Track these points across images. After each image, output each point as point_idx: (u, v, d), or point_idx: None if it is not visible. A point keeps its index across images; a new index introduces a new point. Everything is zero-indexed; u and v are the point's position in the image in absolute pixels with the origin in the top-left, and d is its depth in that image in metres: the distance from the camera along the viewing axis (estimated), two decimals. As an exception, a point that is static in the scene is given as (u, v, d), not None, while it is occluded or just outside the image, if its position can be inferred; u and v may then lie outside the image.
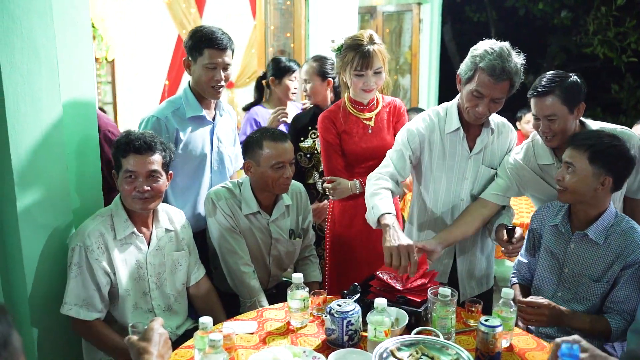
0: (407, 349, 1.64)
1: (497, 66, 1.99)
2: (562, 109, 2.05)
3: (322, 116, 2.55)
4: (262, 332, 1.89)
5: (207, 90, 2.42)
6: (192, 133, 2.45)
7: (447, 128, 2.21)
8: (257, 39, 4.50)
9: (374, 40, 2.36)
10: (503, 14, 8.93)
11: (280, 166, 2.29)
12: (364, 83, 2.39)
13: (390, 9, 6.48)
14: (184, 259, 2.20)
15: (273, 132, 2.34)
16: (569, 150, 1.96)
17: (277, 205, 2.42)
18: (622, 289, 1.94)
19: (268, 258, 2.45)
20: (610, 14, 7.43)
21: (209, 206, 2.35)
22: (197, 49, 2.36)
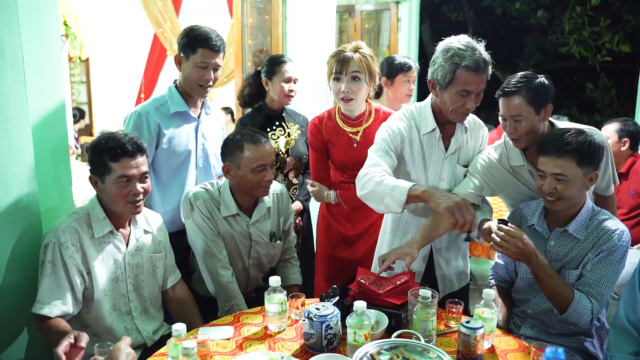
0: (387, 353, 1.61)
1: (479, 60, 1.98)
2: (528, 109, 2.03)
3: (311, 123, 2.59)
4: (239, 338, 1.84)
5: (195, 89, 2.43)
6: (176, 129, 2.46)
7: (424, 129, 2.16)
8: (234, 38, 4.43)
9: (358, 49, 2.37)
10: (480, 14, 9.00)
11: (262, 169, 2.24)
12: (340, 89, 2.38)
13: (369, 8, 6.47)
14: (161, 262, 2.16)
15: (254, 135, 2.29)
16: (553, 160, 1.92)
17: (257, 207, 2.37)
18: (592, 272, 1.94)
19: (247, 261, 2.40)
20: (585, 13, 7.54)
21: (187, 207, 2.30)
22: (191, 47, 2.37)
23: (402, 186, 1.91)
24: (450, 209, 1.83)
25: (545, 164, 1.95)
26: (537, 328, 2.09)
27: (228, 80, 7.39)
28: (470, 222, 1.83)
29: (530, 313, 2.10)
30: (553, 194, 1.95)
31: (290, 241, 2.58)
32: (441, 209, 1.84)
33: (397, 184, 1.93)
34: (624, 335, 1.80)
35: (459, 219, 1.82)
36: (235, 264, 2.37)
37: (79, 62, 7.31)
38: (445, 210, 1.83)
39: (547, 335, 2.07)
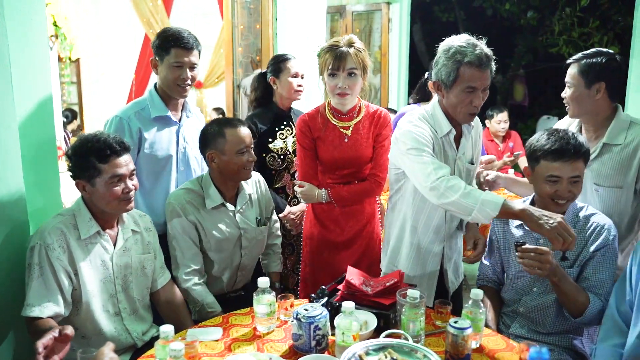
0: (375, 353, 1.61)
1: (481, 55, 1.98)
2: (578, 80, 2.22)
3: (300, 119, 2.54)
4: (228, 339, 1.83)
5: (174, 89, 2.43)
6: (157, 133, 2.45)
7: (440, 131, 2.14)
8: (224, 39, 4.42)
9: (352, 44, 2.35)
10: (471, 14, 9.02)
11: (245, 150, 2.32)
12: (336, 85, 2.35)
13: (360, 9, 6.47)
14: (149, 263, 2.15)
15: (230, 120, 2.39)
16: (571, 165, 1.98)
17: (240, 195, 2.43)
18: (595, 274, 1.99)
19: (240, 251, 2.44)
20: (574, 14, 7.58)
21: (168, 211, 2.33)
22: (164, 48, 2.39)
23: (494, 202, 1.84)
24: (556, 230, 1.76)
25: (562, 169, 1.97)
26: (526, 327, 2.11)
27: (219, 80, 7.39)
28: (574, 239, 1.77)
29: (522, 312, 2.11)
30: (569, 197, 1.99)
31: (273, 226, 2.66)
32: (545, 231, 1.78)
33: (487, 197, 1.85)
34: (613, 326, 1.83)
35: (565, 238, 1.75)
36: (228, 257, 2.41)
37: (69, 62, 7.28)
38: (550, 232, 1.77)
39: (537, 334, 2.08)
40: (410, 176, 2.07)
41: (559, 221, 1.76)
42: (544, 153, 2.00)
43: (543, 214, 1.79)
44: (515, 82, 9.58)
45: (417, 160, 2.00)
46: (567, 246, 1.76)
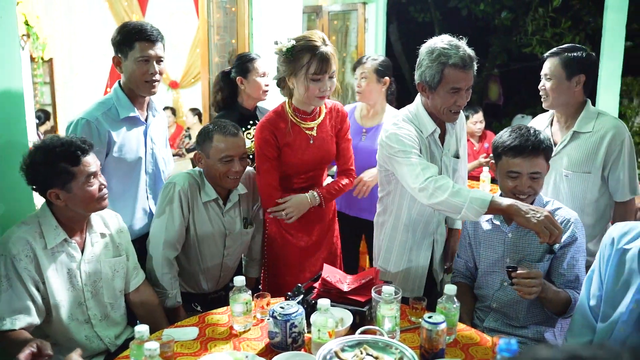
0: (351, 350, 1.63)
1: (464, 57, 2.03)
2: (560, 72, 2.35)
3: (261, 126, 2.35)
4: (204, 338, 1.83)
5: (141, 86, 2.32)
6: (126, 135, 2.35)
7: (425, 131, 2.18)
8: (200, 39, 4.40)
9: (326, 42, 2.23)
10: (446, 15, 9.10)
11: (229, 160, 2.25)
12: (319, 89, 2.21)
13: (336, 9, 6.48)
14: (121, 265, 2.11)
15: (225, 125, 2.29)
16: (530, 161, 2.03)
17: (231, 194, 2.40)
18: (569, 269, 2.04)
19: (223, 252, 2.41)
20: (547, 15, 7.70)
21: (169, 189, 2.28)
22: (127, 43, 2.28)
23: (482, 198, 1.87)
24: (542, 223, 1.79)
25: (521, 165, 2.02)
26: (500, 321, 2.15)
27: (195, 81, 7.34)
28: (561, 233, 1.81)
29: (495, 307, 2.15)
30: (529, 192, 2.04)
31: (258, 226, 2.57)
32: (532, 225, 1.80)
33: (475, 195, 1.89)
34: (583, 322, 1.87)
35: (553, 232, 1.78)
36: (211, 257, 2.39)
37: (42, 62, 7.16)
38: (536, 225, 1.79)
39: (510, 327, 2.13)
40: (399, 178, 2.12)
41: (546, 215, 1.80)
42: (505, 149, 2.06)
43: (530, 208, 1.83)
44: (490, 82, 9.70)
45: (404, 162, 2.04)
46: (555, 239, 1.79)
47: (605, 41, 5.72)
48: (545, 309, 2.05)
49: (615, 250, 1.80)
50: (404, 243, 2.30)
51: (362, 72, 2.95)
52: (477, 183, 4.15)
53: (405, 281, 2.32)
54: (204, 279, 2.43)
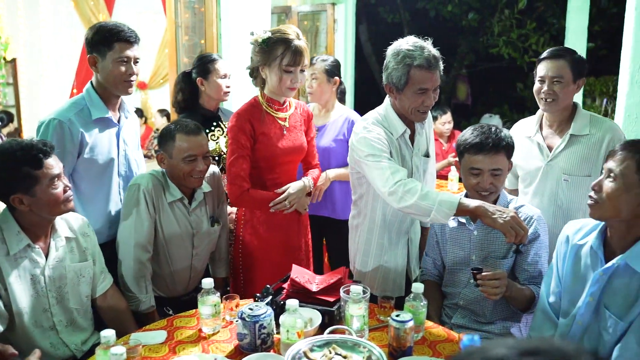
0: (320, 349, 1.64)
1: (429, 57, 2.05)
2: (569, 74, 2.29)
3: (237, 115, 2.38)
4: (172, 342, 1.82)
5: (120, 86, 2.30)
6: (98, 136, 2.31)
7: (395, 133, 2.21)
8: (168, 39, 4.36)
9: (300, 37, 2.30)
10: (415, 16, 9.20)
11: (192, 159, 2.25)
12: (291, 80, 2.28)
13: (305, 9, 6.49)
14: (87, 270, 2.07)
15: (186, 125, 2.29)
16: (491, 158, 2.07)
17: (196, 193, 2.39)
18: (533, 265, 2.09)
19: (191, 251, 2.39)
20: (512, 16, 7.85)
21: (134, 191, 2.25)
22: (106, 43, 2.24)
23: (450, 201, 1.91)
24: (509, 223, 1.82)
25: (482, 162, 2.06)
26: (467, 317, 2.18)
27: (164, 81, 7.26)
28: (526, 233, 1.84)
29: (463, 304, 2.18)
30: (490, 188, 2.07)
31: (224, 223, 2.58)
32: (499, 225, 1.83)
33: (443, 198, 1.92)
34: (544, 318, 1.92)
35: (518, 232, 1.81)
36: (179, 258, 2.36)
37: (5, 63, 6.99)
38: (503, 226, 1.83)
39: (478, 324, 2.16)
40: (370, 181, 2.14)
41: (512, 215, 1.83)
42: (467, 147, 2.10)
43: (497, 209, 1.87)
44: (458, 82, 9.84)
45: (374, 166, 2.06)
46: (520, 239, 1.82)
47: (569, 42, 5.88)
48: (510, 306, 2.10)
49: (570, 247, 1.86)
50: (381, 245, 2.32)
51: (313, 73, 2.98)
52: (446, 182, 4.22)
53: (385, 282, 2.34)
54: (174, 281, 2.40)
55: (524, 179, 2.52)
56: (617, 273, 1.69)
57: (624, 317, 1.65)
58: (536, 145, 2.44)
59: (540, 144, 2.43)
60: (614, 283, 1.69)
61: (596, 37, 7.61)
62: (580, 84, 2.36)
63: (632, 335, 1.62)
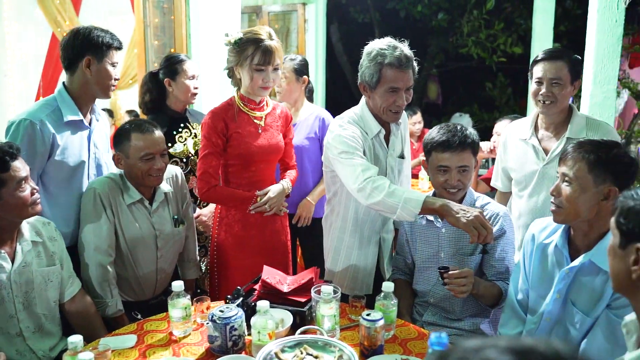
0: (291, 350, 1.64)
1: (400, 56, 2.09)
2: (567, 75, 2.27)
3: (211, 113, 2.42)
4: (143, 346, 1.80)
5: (107, 89, 2.31)
6: (69, 138, 2.29)
7: (370, 132, 2.24)
8: (137, 39, 4.30)
9: (272, 37, 2.32)
10: (386, 16, 9.24)
11: (150, 157, 2.24)
12: (263, 79, 2.31)
13: (276, 9, 6.48)
14: (55, 275, 2.04)
15: (141, 123, 2.29)
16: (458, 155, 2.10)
17: (156, 194, 2.37)
18: (500, 262, 2.13)
19: (156, 253, 2.36)
20: (481, 17, 7.95)
21: (90, 196, 2.23)
22: (106, 47, 2.25)
23: (415, 199, 1.92)
24: (471, 222, 1.83)
25: (450, 159, 2.09)
26: (438, 315, 2.21)
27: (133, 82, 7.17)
28: (490, 233, 1.84)
29: (433, 302, 2.21)
30: (458, 185, 2.11)
31: (190, 224, 2.57)
32: (462, 224, 1.84)
33: (409, 196, 1.94)
34: (512, 314, 1.96)
35: (481, 232, 1.82)
36: (144, 261, 2.33)
37: (-33, 63, 6.81)
38: (465, 225, 1.84)
39: (448, 320, 2.20)
40: (342, 179, 2.16)
41: (476, 215, 1.84)
42: (434, 145, 2.13)
43: (461, 208, 1.88)
44: (428, 82, 9.92)
45: (347, 163, 2.09)
46: (484, 239, 1.83)
47: (535, 42, 5.99)
48: (479, 302, 2.13)
49: (536, 246, 1.90)
50: (352, 243, 2.34)
51: (282, 73, 2.99)
52: (417, 181, 4.26)
53: (355, 280, 2.36)
54: (140, 285, 2.37)
55: (519, 182, 2.50)
56: (583, 270, 1.74)
57: (590, 313, 1.70)
58: (531, 148, 2.43)
59: (536, 147, 2.41)
60: (579, 280, 1.74)
61: (561, 38, 7.77)
62: (577, 86, 2.35)
63: (599, 329, 1.66)
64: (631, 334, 1.23)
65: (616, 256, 1.21)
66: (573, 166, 1.72)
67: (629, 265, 1.16)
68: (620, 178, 1.71)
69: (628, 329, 1.24)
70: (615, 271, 1.22)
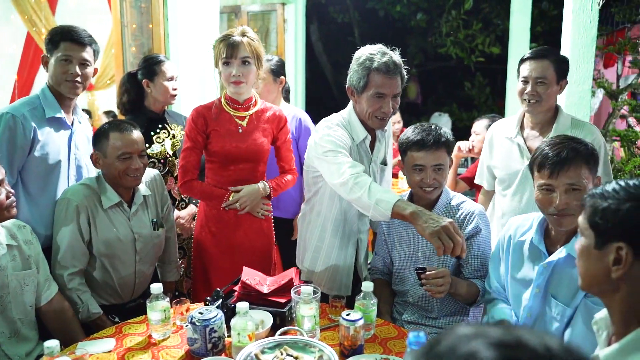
0: (271, 351, 1.64)
1: (388, 62, 2.10)
2: (553, 75, 2.28)
3: (195, 110, 2.44)
4: (121, 349, 1.78)
5: (62, 84, 2.30)
6: (51, 135, 2.30)
7: (356, 137, 2.25)
8: (115, 40, 4.25)
9: (245, 34, 2.34)
10: (365, 16, 9.28)
11: (127, 157, 2.22)
12: (230, 73, 2.32)
13: (255, 9, 6.46)
14: (31, 279, 2.00)
15: (120, 123, 2.29)
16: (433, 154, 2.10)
17: (135, 196, 2.34)
18: (476, 260, 2.15)
19: (135, 257, 2.33)
20: (459, 17, 8.04)
21: (63, 206, 2.20)
22: (54, 43, 2.28)
23: (387, 200, 1.88)
24: (436, 233, 1.74)
25: (424, 158, 2.11)
26: (417, 314, 2.23)
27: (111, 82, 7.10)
28: (458, 245, 1.74)
29: (412, 301, 2.23)
30: (434, 184, 2.12)
31: (170, 228, 2.55)
32: (427, 234, 1.77)
33: (382, 197, 1.90)
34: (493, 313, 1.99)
35: (446, 243, 1.73)
36: (122, 264, 2.29)
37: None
38: (430, 235, 1.76)
39: (427, 319, 2.21)
40: (326, 177, 2.16)
41: (444, 225, 1.75)
42: (409, 144, 2.15)
43: (430, 217, 1.80)
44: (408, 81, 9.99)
45: (333, 160, 2.09)
46: (452, 252, 1.74)
47: (512, 42, 6.06)
48: (457, 301, 2.15)
49: (513, 244, 1.93)
50: (333, 243, 2.35)
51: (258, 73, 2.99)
52: (397, 180, 4.29)
53: (333, 280, 2.37)
54: (118, 288, 2.33)
55: (503, 180, 2.52)
56: (560, 264, 1.77)
57: (570, 304, 1.73)
58: (517, 146, 2.45)
59: (521, 145, 2.43)
60: (558, 273, 1.77)
61: (538, 38, 7.88)
62: (563, 85, 2.36)
63: (579, 317, 1.70)
64: (601, 331, 1.24)
65: (591, 257, 1.18)
66: (578, 173, 1.72)
67: (607, 265, 1.13)
68: (598, 164, 1.79)
69: (599, 327, 1.25)
70: (591, 272, 1.19)
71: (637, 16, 4.42)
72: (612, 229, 1.12)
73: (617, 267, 1.11)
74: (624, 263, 1.10)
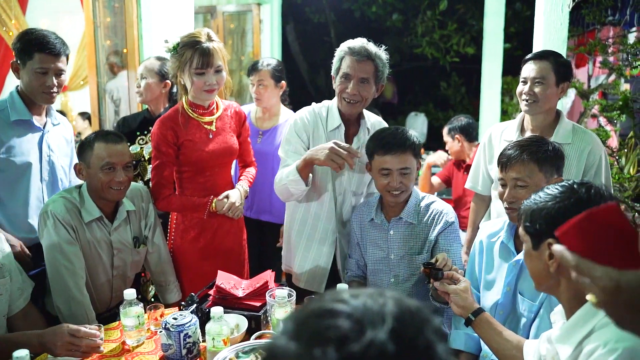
0: (246, 355, 1.64)
1: (360, 48, 2.18)
2: (551, 76, 2.29)
3: (159, 122, 2.33)
4: (94, 357, 1.76)
5: (38, 96, 2.27)
6: (17, 138, 2.26)
7: (330, 125, 2.32)
8: (87, 40, 4.19)
9: (211, 38, 2.27)
10: (341, 16, 9.30)
11: (110, 168, 2.13)
12: (205, 82, 2.25)
13: (231, 9, 6.42)
14: (4, 288, 1.94)
15: (106, 133, 2.21)
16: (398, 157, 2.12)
17: (118, 212, 2.25)
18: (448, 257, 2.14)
19: (111, 272, 2.26)
20: (435, 18, 8.10)
21: (48, 219, 2.09)
22: (27, 53, 2.21)
23: (291, 167, 2.17)
24: (329, 156, 2.05)
25: (391, 162, 2.11)
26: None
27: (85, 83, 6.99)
28: (347, 160, 2.05)
29: None
30: (401, 187, 2.13)
31: (159, 247, 2.38)
32: (322, 162, 2.08)
33: (289, 169, 2.19)
34: None
35: (337, 161, 2.05)
36: (97, 276, 2.22)
37: None
38: (325, 160, 2.07)
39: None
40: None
41: (329, 147, 2.07)
42: (375, 148, 2.16)
43: (318, 148, 2.12)
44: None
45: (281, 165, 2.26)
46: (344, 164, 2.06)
47: (487, 43, 6.13)
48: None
49: (485, 246, 1.97)
50: (310, 242, 2.38)
51: (260, 80, 2.99)
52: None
53: (312, 279, 2.40)
54: (94, 299, 2.22)
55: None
56: None
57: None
58: None
59: None
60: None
61: (512, 38, 7.99)
62: (565, 88, 2.34)
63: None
64: (558, 322, 1.32)
65: (532, 259, 1.31)
66: (524, 169, 1.80)
67: (545, 262, 1.25)
68: (560, 167, 1.87)
69: (555, 319, 1.34)
70: (536, 272, 1.32)
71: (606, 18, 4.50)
72: (540, 228, 1.25)
73: (552, 260, 1.23)
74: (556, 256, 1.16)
